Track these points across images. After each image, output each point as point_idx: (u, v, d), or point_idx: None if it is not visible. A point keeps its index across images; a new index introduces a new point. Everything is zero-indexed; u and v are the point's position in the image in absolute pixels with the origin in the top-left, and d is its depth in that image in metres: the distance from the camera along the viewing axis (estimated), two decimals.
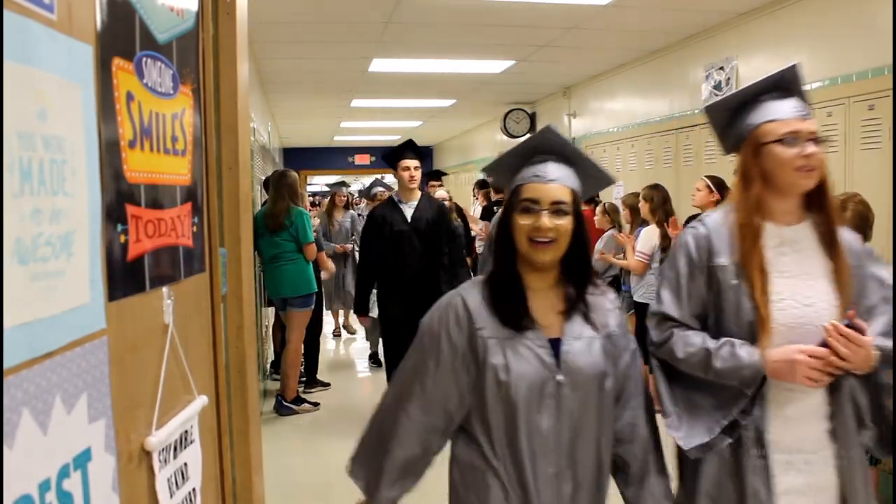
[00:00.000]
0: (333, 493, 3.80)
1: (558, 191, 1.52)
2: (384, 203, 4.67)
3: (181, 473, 1.32)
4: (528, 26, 5.10)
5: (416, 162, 4.38)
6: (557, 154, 1.58)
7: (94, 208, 0.98)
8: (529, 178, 1.54)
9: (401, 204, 4.43)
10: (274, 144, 10.02)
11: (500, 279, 1.57)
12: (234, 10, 2.08)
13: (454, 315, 1.54)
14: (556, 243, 1.50)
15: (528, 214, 1.51)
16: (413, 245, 4.30)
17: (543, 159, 1.56)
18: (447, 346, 1.53)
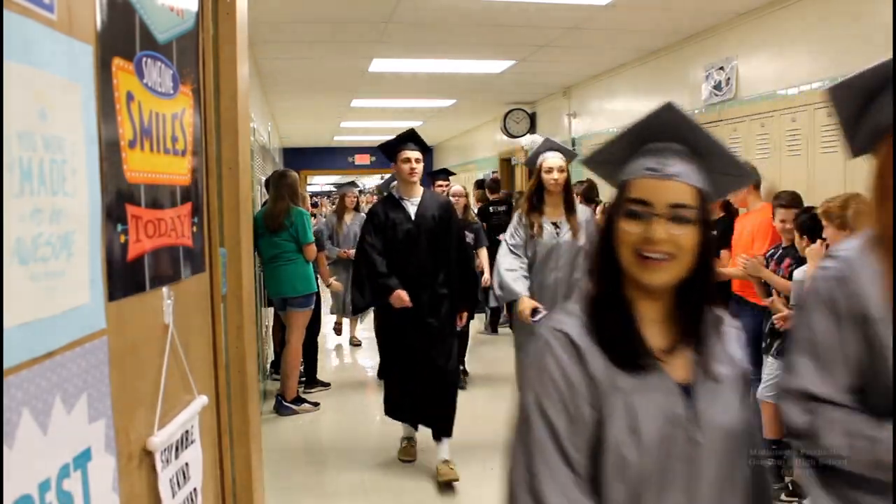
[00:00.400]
0: (333, 492, 3.80)
1: (679, 190, 1.13)
2: (383, 200, 4.19)
3: (182, 473, 1.32)
4: (528, 26, 5.10)
5: (417, 154, 3.92)
6: (681, 141, 1.18)
7: (94, 208, 0.98)
8: (640, 172, 1.16)
9: (402, 201, 3.98)
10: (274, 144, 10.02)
11: (604, 305, 1.18)
12: (234, 10, 2.08)
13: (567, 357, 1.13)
14: (673, 260, 1.12)
15: (636, 220, 1.13)
16: (419, 246, 3.89)
17: (661, 148, 1.17)
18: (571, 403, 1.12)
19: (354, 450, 4.45)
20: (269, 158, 8.03)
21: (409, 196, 3.97)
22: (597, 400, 1.11)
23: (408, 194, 3.97)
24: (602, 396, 1.11)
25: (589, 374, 1.12)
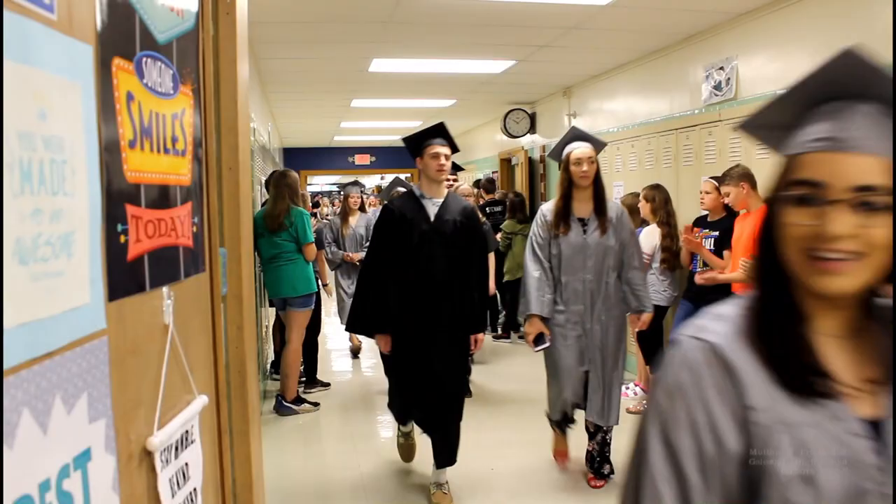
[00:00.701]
0: (333, 492, 3.80)
1: (866, 167, 0.83)
2: (404, 196, 3.76)
3: (182, 473, 1.32)
4: (528, 26, 5.10)
5: (447, 150, 3.53)
6: (869, 98, 0.87)
7: (94, 208, 0.98)
8: (811, 144, 0.87)
9: (423, 199, 3.55)
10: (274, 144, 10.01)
11: (770, 313, 0.90)
12: (234, 10, 2.08)
13: (712, 376, 0.86)
14: (860, 261, 0.84)
15: (806, 209, 0.85)
16: (434, 251, 3.45)
17: (841, 109, 0.87)
18: (710, 440, 0.85)
19: (354, 450, 4.45)
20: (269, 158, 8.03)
21: (431, 195, 3.55)
22: (752, 437, 0.84)
23: (431, 193, 3.55)
24: (761, 433, 0.84)
25: (743, 403, 0.85)
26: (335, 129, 11.77)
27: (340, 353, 7.13)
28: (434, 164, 3.47)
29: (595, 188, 3.53)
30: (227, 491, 1.77)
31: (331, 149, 14.90)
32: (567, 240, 3.51)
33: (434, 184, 3.55)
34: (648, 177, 5.68)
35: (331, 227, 6.31)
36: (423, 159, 3.51)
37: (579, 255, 3.53)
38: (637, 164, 6.16)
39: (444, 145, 3.50)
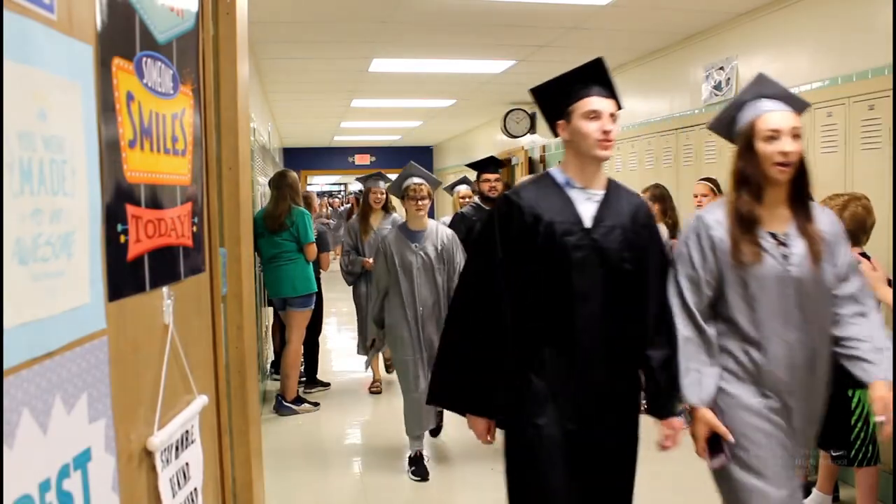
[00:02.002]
0: (333, 492, 3.80)
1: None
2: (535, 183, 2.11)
3: (183, 473, 1.32)
4: (528, 26, 5.10)
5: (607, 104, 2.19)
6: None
7: (94, 208, 0.98)
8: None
9: (570, 188, 2.07)
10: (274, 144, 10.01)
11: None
12: (234, 10, 2.08)
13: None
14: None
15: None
16: (595, 279, 2.01)
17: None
18: None
19: (354, 450, 4.45)
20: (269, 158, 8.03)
21: (585, 183, 2.08)
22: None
23: (585, 179, 2.07)
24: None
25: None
26: (335, 129, 11.77)
27: (340, 352, 7.13)
28: (593, 129, 2.01)
29: (796, 184, 2.04)
30: (227, 491, 1.77)
31: (331, 149, 14.91)
32: (761, 271, 2.01)
33: (587, 161, 2.07)
34: (648, 177, 5.68)
35: (350, 232, 5.35)
36: (572, 121, 2.07)
37: (784, 294, 2.02)
38: (637, 164, 6.17)
39: (605, 96, 2.11)
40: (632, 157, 6.26)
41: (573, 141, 2.08)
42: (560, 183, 2.10)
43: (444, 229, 3.99)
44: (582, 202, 2.06)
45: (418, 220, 3.93)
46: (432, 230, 3.93)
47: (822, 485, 3.26)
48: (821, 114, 3.95)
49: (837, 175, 3.78)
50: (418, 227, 3.93)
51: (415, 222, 3.94)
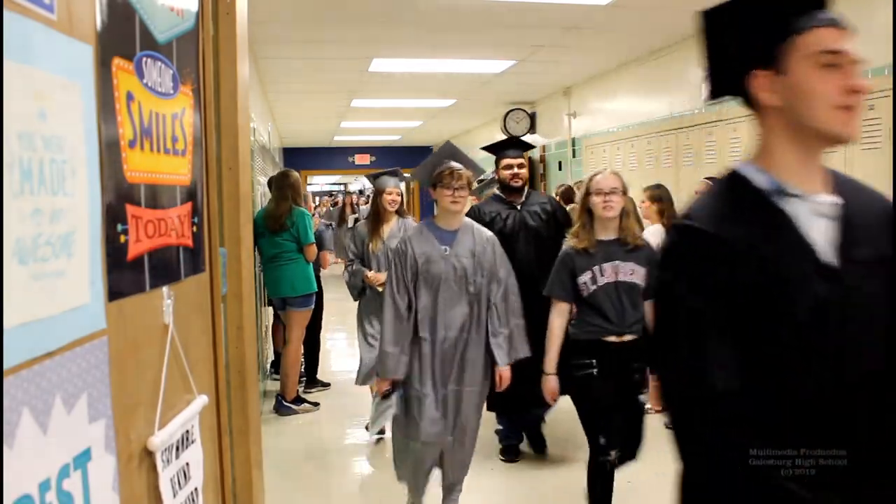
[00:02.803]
0: (333, 492, 3.80)
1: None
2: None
3: (183, 473, 1.32)
4: (528, 26, 5.10)
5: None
6: None
7: (94, 208, 0.98)
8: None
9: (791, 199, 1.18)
10: (274, 144, 10.01)
11: None
12: (234, 10, 2.08)
13: None
14: None
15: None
16: None
17: None
18: None
19: (354, 450, 4.45)
20: (269, 158, 8.03)
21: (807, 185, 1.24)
22: None
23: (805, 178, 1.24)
24: None
25: None
26: (335, 128, 11.78)
27: (340, 352, 7.13)
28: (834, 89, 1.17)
29: None
30: (227, 491, 1.77)
31: (331, 149, 14.91)
32: None
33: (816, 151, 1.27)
34: (648, 177, 5.68)
35: (355, 239, 4.50)
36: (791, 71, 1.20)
37: None
38: (637, 164, 6.17)
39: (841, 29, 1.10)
40: (632, 158, 6.26)
41: (789, 107, 1.21)
42: (764, 189, 1.24)
43: (484, 231, 3.12)
44: (809, 220, 1.21)
45: (452, 217, 3.04)
46: (468, 230, 3.06)
47: None
48: None
49: None
50: (451, 225, 3.04)
51: (448, 219, 3.04)
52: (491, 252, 3.04)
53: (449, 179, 2.96)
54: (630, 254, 2.90)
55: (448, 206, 2.99)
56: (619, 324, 2.86)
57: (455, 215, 3.04)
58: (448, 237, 3.02)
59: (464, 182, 2.96)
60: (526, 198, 4.01)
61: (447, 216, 3.04)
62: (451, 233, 3.03)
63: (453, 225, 3.05)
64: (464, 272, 2.97)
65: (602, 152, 6.83)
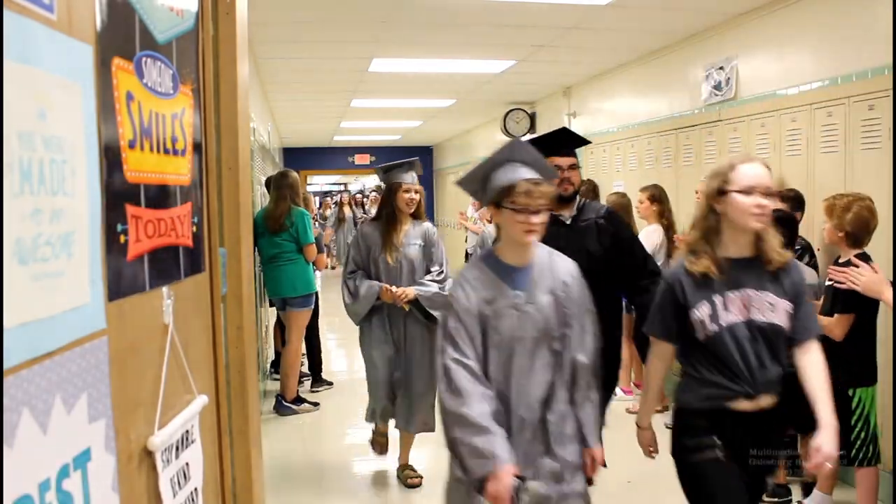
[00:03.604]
0: (333, 493, 3.80)
1: None
2: None
3: (183, 473, 1.32)
4: (528, 26, 5.10)
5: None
6: None
7: (94, 208, 0.98)
8: None
9: None
10: (274, 144, 10.02)
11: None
12: (234, 10, 2.08)
13: None
14: None
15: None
16: None
17: None
18: None
19: (354, 450, 4.45)
20: (269, 158, 8.03)
21: None
22: None
23: None
24: None
25: None
26: (335, 128, 11.78)
27: (340, 352, 7.13)
28: None
29: None
30: (227, 491, 1.77)
31: (330, 149, 14.92)
32: None
33: None
34: (648, 177, 5.68)
35: (359, 242, 3.68)
36: None
37: None
38: (637, 164, 6.17)
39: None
40: (632, 157, 6.26)
41: None
42: None
43: (563, 259, 2.20)
44: None
45: (524, 250, 2.12)
46: (546, 263, 2.16)
47: (822, 485, 3.26)
48: (821, 114, 3.96)
49: (837, 175, 3.78)
50: (523, 259, 2.13)
51: (518, 252, 2.12)
52: (578, 290, 2.16)
53: (524, 199, 2.00)
54: (769, 280, 2.06)
55: (520, 236, 2.04)
56: (751, 382, 2.02)
57: (528, 249, 2.12)
58: (520, 277, 2.11)
59: (545, 202, 2.02)
60: (579, 210, 2.84)
61: (517, 249, 2.11)
62: (524, 270, 2.12)
63: (525, 258, 2.13)
64: (545, 325, 2.09)
65: (602, 152, 6.83)
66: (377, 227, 3.65)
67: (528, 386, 2.08)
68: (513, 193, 2.02)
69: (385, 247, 3.58)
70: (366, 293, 3.56)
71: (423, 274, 3.64)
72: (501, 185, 2.04)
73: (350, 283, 3.61)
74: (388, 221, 3.61)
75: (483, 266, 2.15)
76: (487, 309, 2.08)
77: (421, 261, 3.64)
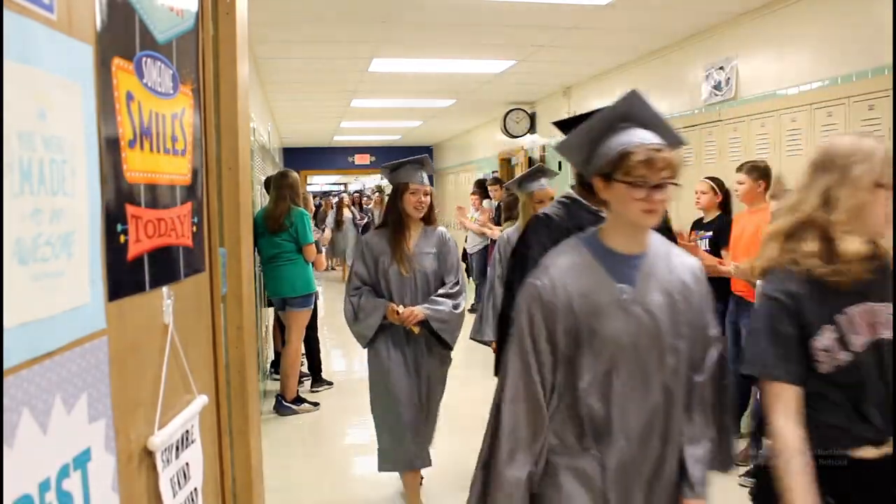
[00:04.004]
0: (333, 493, 3.80)
1: None
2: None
3: (183, 473, 1.32)
4: (528, 26, 5.10)
5: None
6: None
7: (94, 208, 0.98)
8: None
9: None
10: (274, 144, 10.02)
11: None
12: (234, 10, 2.08)
13: None
14: None
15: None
16: None
17: None
18: None
19: (354, 450, 4.45)
20: (269, 158, 8.03)
21: None
22: None
23: None
24: None
25: None
26: (335, 128, 11.78)
27: (340, 352, 7.13)
28: None
29: None
30: (227, 491, 1.77)
31: (330, 149, 14.92)
32: None
33: None
34: None
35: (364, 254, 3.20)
36: None
37: None
38: None
39: None
40: None
41: None
42: None
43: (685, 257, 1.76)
44: None
45: (637, 235, 1.69)
46: (662, 252, 1.72)
47: None
48: (821, 114, 3.95)
49: None
50: (635, 246, 1.69)
51: (628, 237, 1.69)
52: (699, 294, 1.71)
53: (643, 169, 1.57)
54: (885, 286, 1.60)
55: (638, 217, 1.61)
56: (882, 422, 1.57)
57: (643, 234, 1.69)
58: (629, 268, 1.67)
59: (669, 174, 1.59)
60: None
61: (629, 233, 1.67)
62: (634, 260, 1.67)
63: (638, 246, 1.69)
64: (657, 332, 1.64)
65: None
66: (384, 234, 3.20)
67: (631, 410, 1.63)
68: (628, 163, 1.57)
69: (395, 257, 3.14)
70: (370, 312, 3.14)
71: (439, 287, 3.23)
72: (614, 152, 1.60)
73: (354, 300, 3.18)
74: (395, 228, 3.18)
75: (582, 249, 1.69)
76: (583, 305, 1.62)
77: (436, 272, 3.22)
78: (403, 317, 3.11)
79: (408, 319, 3.12)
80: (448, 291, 3.23)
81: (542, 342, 1.64)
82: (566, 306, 1.63)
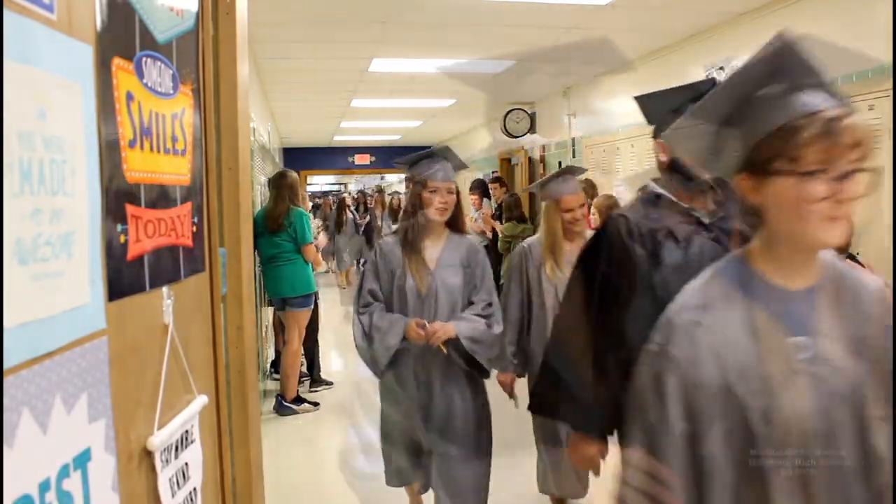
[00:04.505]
0: (333, 493, 3.80)
1: None
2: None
3: (182, 473, 1.32)
4: (528, 26, 5.10)
5: None
6: None
7: (94, 208, 0.98)
8: None
9: None
10: (274, 144, 10.02)
11: None
12: (234, 10, 2.08)
13: None
14: None
15: None
16: None
17: None
18: None
19: (354, 449, 4.45)
20: (269, 158, 8.02)
21: None
22: None
23: None
24: None
25: None
26: (335, 129, 11.78)
27: (340, 352, 7.13)
28: None
29: None
30: (227, 491, 1.77)
31: (331, 149, 14.91)
32: None
33: None
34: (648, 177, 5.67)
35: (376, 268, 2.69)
36: None
37: None
38: (637, 164, 6.16)
39: None
40: (632, 158, 6.26)
41: None
42: None
43: (869, 280, 1.28)
44: None
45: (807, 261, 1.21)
46: (837, 287, 1.22)
47: None
48: None
49: None
50: (801, 279, 1.21)
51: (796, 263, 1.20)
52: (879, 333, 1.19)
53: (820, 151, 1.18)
54: None
55: (817, 228, 1.14)
56: None
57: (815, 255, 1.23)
58: (798, 311, 1.18)
59: (861, 153, 1.24)
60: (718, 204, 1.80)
61: (800, 255, 1.21)
62: (802, 298, 1.20)
63: (808, 276, 1.21)
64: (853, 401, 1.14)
65: (602, 152, 6.83)
66: (398, 242, 2.66)
67: None
68: (796, 142, 1.10)
69: (412, 269, 2.59)
70: (386, 331, 2.53)
71: (465, 309, 2.65)
72: (771, 126, 1.14)
73: (364, 318, 2.61)
74: (413, 236, 2.63)
75: (729, 288, 1.18)
76: (750, 383, 1.10)
77: (463, 289, 2.63)
78: (430, 333, 2.49)
79: (435, 336, 2.49)
80: (479, 313, 2.64)
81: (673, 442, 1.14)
82: (717, 372, 1.10)
